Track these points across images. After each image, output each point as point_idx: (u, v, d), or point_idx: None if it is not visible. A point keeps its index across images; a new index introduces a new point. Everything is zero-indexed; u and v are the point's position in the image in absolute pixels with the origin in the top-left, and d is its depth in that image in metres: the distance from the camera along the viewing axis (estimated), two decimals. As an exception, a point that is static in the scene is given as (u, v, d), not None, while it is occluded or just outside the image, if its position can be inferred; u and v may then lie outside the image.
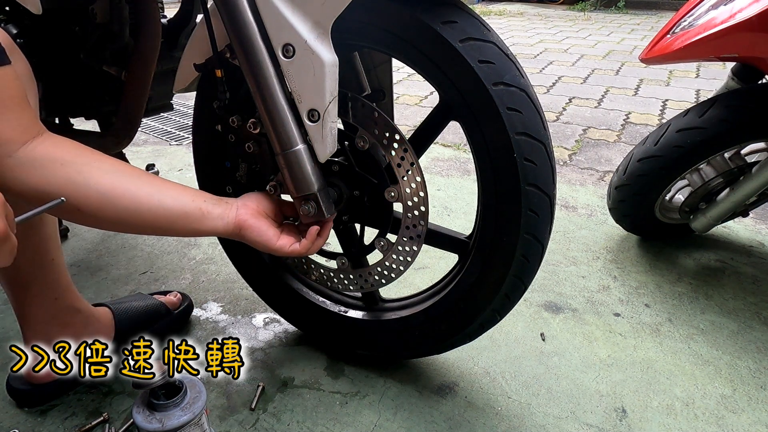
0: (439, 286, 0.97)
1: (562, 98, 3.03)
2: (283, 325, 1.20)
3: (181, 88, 0.91)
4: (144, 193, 0.71)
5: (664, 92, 3.11)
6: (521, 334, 1.17)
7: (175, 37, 1.20)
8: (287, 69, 0.73)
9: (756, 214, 1.68)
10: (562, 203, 1.79)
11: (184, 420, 0.83)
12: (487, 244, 0.84)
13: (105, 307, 1.08)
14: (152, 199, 0.72)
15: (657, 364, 1.09)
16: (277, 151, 0.77)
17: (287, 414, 0.97)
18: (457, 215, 1.71)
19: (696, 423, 0.95)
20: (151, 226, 0.73)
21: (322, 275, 0.99)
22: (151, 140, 2.39)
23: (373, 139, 0.82)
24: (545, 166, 0.77)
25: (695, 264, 1.45)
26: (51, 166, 0.67)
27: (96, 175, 0.69)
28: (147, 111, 1.16)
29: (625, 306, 1.28)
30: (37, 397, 0.98)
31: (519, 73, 0.76)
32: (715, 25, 1.14)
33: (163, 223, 0.73)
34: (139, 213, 0.71)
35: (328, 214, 0.80)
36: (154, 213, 0.72)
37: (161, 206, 0.72)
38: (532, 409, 0.98)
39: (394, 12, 0.75)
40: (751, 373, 1.07)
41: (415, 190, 0.83)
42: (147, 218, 0.71)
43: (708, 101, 1.24)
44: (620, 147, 2.29)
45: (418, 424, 0.95)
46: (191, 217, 0.74)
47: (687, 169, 1.29)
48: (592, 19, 6.39)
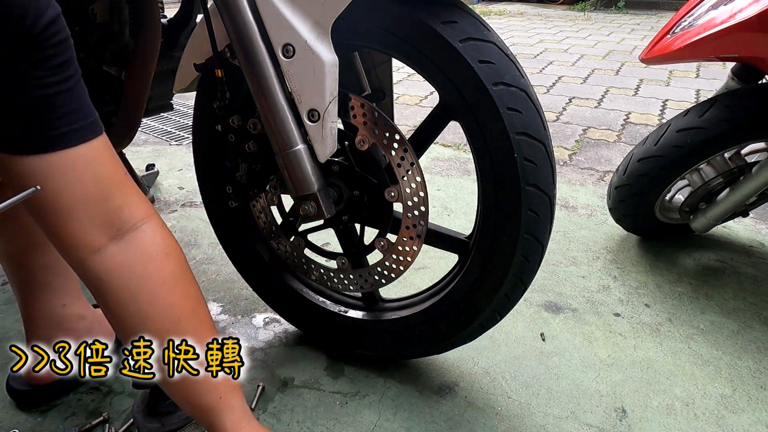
0: (439, 286, 0.97)
1: (562, 98, 3.03)
2: (283, 325, 1.20)
3: (181, 88, 0.91)
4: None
5: (664, 92, 3.11)
6: (521, 334, 1.17)
7: (175, 37, 1.20)
8: (287, 69, 0.73)
9: (756, 214, 1.68)
10: (562, 203, 1.79)
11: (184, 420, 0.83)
12: (487, 244, 0.84)
13: None
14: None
15: (657, 364, 1.09)
16: (277, 151, 0.77)
17: (287, 414, 0.97)
18: (457, 215, 1.71)
19: (696, 423, 0.95)
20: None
21: (322, 275, 0.99)
22: (151, 140, 2.39)
23: (373, 139, 0.82)
24: (545, 166, 0.77)
25: (695, 264, 1.45)
26: (118, 292, 0.63)
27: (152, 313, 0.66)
28: (147, 111, 1.16)
29: (625, 306, 1.28)
30: (37, 397, 0.98)
31: (519, 73, 0.76)
32: (715, 25, 1.14)
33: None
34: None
35: (328, 214, 0.80)
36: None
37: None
38: (532, 409, 0.98)
39: (394, 12, 0.75)
40: (751, 373, 1.07)
41: (415, 190, 0.83)
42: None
43: (708, 101, 1.24)
44: (620, 147, 2.29)
45: (418, 424, 0.95)
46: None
47: (687, 169, 1.29)
48: (592, 19, 6.39)
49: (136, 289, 0.63)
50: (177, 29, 1.20)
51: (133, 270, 0.63)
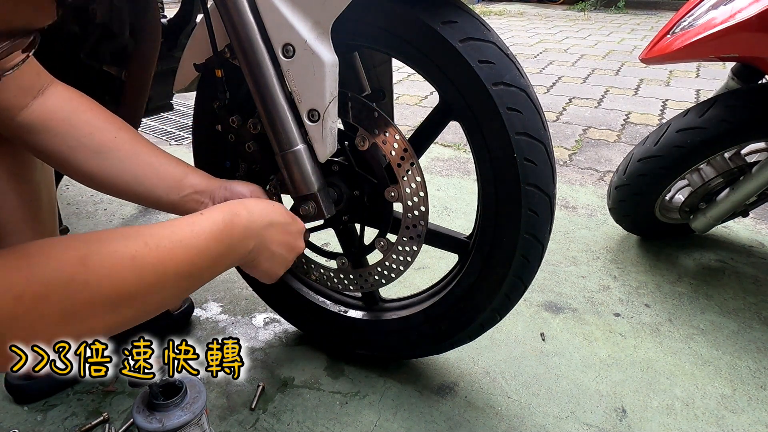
0: (439, 286, 0.97)
1: (562, 98, 3.03)
2: (283, 325, 1.20)
3: (181, 88, 0.91)
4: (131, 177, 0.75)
5: (664, 92, 3.11)
6: (521, 334, 1.17)
7: (175, 37, 1.20)
8: (287, 69, 0.73)
9: (756, 214, 1.68)
10: (562, 203, 1.79)
11: (184, 420, 0.83)
12: (487, 244, 0.84)
13: None
14: (140, 188, 0.75)
15: (657, 364, 1.09)
16: (277, 151, 0.77)
17: (287, 414, 0.97)
18: (457, 215, 1.71)
19: (696, 423, 0.95)
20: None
21: (322, 275, 0.99)
22: (151, 140, 2.39)
23: (373, 139, 0.82)
24: (545, 166, 0.77)
25: (695, 264, 1.45)
26: (45, 135, 0.69)
27: (82, 158, 0.71)
28: (147, 111, 1.16)
29: (625, 306, 1.28)
30: (37, 392, 0.98)
31: (519, 73, 0.76)
32: (715, 25, 1.14)
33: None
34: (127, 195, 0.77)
35: (328, 214, 0.80)
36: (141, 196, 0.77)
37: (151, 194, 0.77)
38: (532, 409, 0.98)
39: (395, 12, 0.75)
40: (751, 373, 1.07)
41: (415, 190, 0.82)
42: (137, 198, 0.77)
43: (708, 101, 1.24)
44: (620, 147, 2.29)
45: (418, 424, 0.95)
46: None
47: (687, 169, 1.29)
48: (592, 19, 6.39)
49: (73, 116, 0.72)
50: (177, 29, 1.20)
51: (63, 107, 0.71)
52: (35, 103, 0.69)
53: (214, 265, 0.61)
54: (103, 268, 0.48)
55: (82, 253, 0.47)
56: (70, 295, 0.45)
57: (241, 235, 0.64)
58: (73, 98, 0.73)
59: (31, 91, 0.68)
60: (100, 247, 0.49)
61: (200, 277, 0.60)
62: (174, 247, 0.55)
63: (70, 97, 0.73)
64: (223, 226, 0.61)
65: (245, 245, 0.65)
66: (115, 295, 0.49)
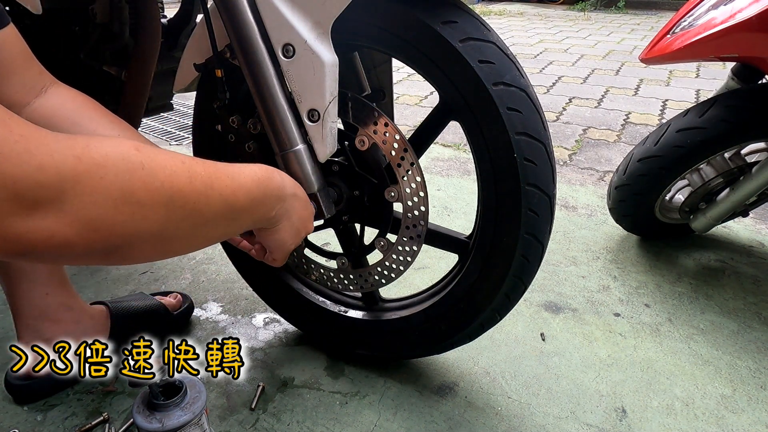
0: (439, 286, 0.97)
1: (562, 98, 3.03)
2: (283, 325, 1.20)
3: (181, 88, 0.91)
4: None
5: (664, 92, 3.11)
6: (521, 334, 1.17)
7: (175, 37, 1.20)
8: (287, 69, 0.73)
9: (756, 214, 1.68)
10: (562, 203, 1.79)
11: (184, 420, 0.83)
12: (487, 244, 0.84)
13: (101, 305, 1.08)
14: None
15: (657, 364, 1.09)
16: (277, 151, 0.77)
17: (287, 414, 0.97)
18: (457, 215, 1.71)
19: (696, 423, 0.95)
20: None
21: (322, 275, 0.99)
22: (151, 140, 2.39)
23: (372, 139, 0.82)
24: (545, 166, 0.77)
25: (695, 264, 1.45)
26: (61, 124, 0.69)
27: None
28: (147, 111, 1.16)
29: (625, 306, 1.28)
30: (37, 392, 0.98)
31: (519, 73, 0.76)
32: (715, 25, 1.14)
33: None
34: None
35: (328, 214, 0.80)
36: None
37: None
38: (532, 409, 0.98)
39: (394, 12, 0.75)
40: (751, 373, 1.07)
41: (415, 190, 0.83)
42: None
43: (708, 101, 1.24)
44: (620, 147, 2.29)
45: (418, 424, 0.95)
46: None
47: (687, 169, 1.29)
48: (592, 19, 6.39)
49: (76, 114, 0.71)
50: (177, 29, 1.20)
51: (66, 105, 0.71)
52: (37, 101, 0.69)
53: (249, 208, 0.61)
54: (158, 156, 0.47)
55: (135, 143, 0.46)
56: (128, 169, 0.44)
57: (275, 193, 0.65)
58: (75, 97, 0.73)
59: (33, 90, 0.69)
60: (151, 146, 0.49)
61: (236, 215, 0.59)
62: (218, 171, 0.55)
63: (73, 96, 0.73)
64: (262, 176, 0.63)
65: (274, 204, 0.67)
66: (169, 185, 0.47)
